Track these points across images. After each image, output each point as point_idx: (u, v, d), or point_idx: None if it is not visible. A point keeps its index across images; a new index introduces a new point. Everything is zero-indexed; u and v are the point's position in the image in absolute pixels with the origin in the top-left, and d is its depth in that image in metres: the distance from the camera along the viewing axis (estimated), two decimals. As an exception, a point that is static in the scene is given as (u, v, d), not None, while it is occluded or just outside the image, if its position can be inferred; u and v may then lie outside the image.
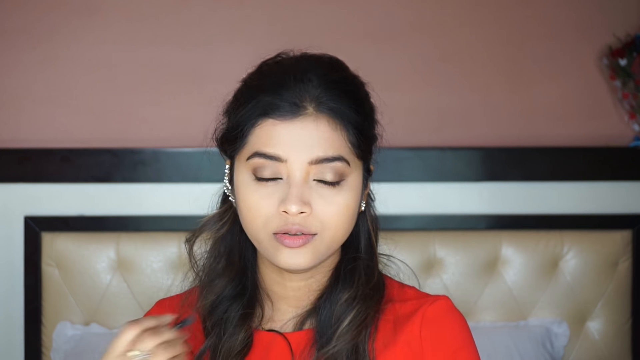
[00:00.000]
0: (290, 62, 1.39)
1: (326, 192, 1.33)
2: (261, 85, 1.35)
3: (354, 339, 1.35)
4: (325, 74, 1.35)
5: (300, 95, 1.32)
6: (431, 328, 1.37)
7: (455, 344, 1.37)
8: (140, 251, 2.66)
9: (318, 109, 1.32)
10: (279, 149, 1.31)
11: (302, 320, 1.41)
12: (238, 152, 1.35)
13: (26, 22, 2.75)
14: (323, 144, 1.32)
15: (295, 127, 1.31)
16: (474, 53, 2.82)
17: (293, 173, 1.31)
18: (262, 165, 1.32)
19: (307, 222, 1.32)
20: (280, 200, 1.32)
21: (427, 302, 1.39)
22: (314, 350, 1.36)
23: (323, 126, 1.32)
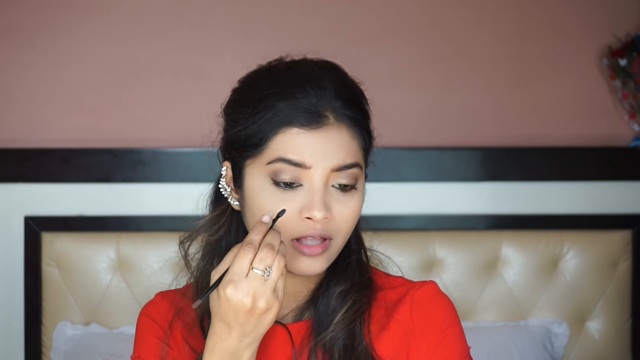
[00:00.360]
0: (302, 67, 1.40)
1: (342, 197, 1.37)
2: (279, 93, 1.36)
3: (350, 325, 1.41)
4: (338, 81, 1.38)
5: (321, 104, 1.35)
6: (421, 310, 1.43)
7: (444, 324, 1.43)
8: (140, 251, 2.66)
9: (338, 118, 1.36)
10: (304, 156, 1.34)
11: (300, 312, 1.45)
12: (254, 157, 1.36)
13: (26, 21, 2.75)
14: (344, 152, 1.36)
15: (319, 136, 1.34)
16: (474, 53, 2.82)
17: (316, 180, 1.35)
18: (283, 170, 1.34)
19: (327, 227, 1.36)
20: (302, 206, 1.35)
21: (416, 286, 1.46)
22: (312, 338, 1.42)
23: (344, 134, 1.36)
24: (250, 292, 1.28)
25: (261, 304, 1.28)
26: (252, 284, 1.28)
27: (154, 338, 1.47)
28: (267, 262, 1.29)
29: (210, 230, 1.45)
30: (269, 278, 1.29)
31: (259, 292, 1.28)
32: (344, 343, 1.40)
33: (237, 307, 1.28)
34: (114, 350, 2.53)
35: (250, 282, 1.28)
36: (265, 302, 1.28)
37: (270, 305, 1.29)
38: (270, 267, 1.29)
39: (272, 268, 1.29)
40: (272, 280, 1.29)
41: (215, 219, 1.45)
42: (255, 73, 1.42)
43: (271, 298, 1.29)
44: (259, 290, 1.28)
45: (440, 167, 2.75)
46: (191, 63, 2.78)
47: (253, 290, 1.28)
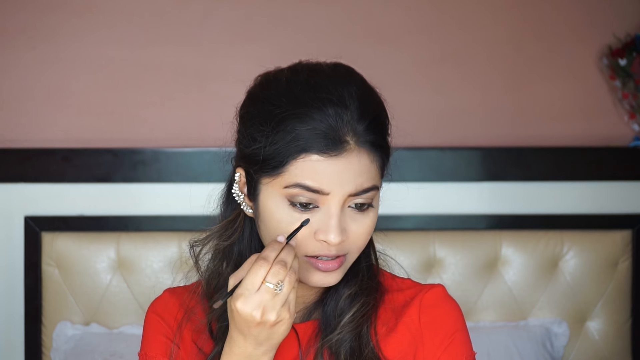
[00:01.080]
0: (322, 83, 1.36)
1: (357, 216, 1.37)
2: (298, 115, 1.33)
3: (357, 328, 1.42)
4: (360, 100, 1.36)
5: (341, 128, 1.33)
6: (429, 313, 1.44)
7: (451, 329, 1.44)
8: (140, 251, 2.66)
9: (358, 143, 1.34)
10: (322, 183, 1.33)
11: (308, 312, 1.46)
12: (271, 177, 1.35)
13: (27, 22, 2.75)
14: (363, 177, 1.35)
15: (339, 163, 1.33)
16: (473, 53, 2.82)
17: (333, 205, 1.34)
18: (300, 195, 1.34)
19: (342, 247, 1.36)
20: (318, 228, 1.35)
21: (424, 289, 1.46)
22: (319, 339, 1.42)
23: (364, 160, 1.35)
24: (260, 305, 1.29)
25: (271, 317, 1.29)
26: (263, 298, 1.29)
27: (162, 336, 1.46)
28: (280, 277, 1.30)
29: (224, 236, 1.45)
30: (281, 292, 1.30)
31: (269, 305, 1.30)
32: (350, 345, 1.41)
33: (247, 319, 1.30)
34: (114, 350, 2.53)
35: (262, 295, 1.29)
36: (276, 315, 1.30)
37: (281, 317, 1.30)
38: (282, 282, 1.30)
39: (283, 282, 1.30)
40: (284, 294, 1.30)
41: (229, 224, 1.45)
42: (274, 82, 1.38)
43: (282, 311, 1.30)
44: (269, 304, 1.30)
45: (440, 167, 2.75)
46: (191, 63, 2.78)
47: (263, 304, 1.29)
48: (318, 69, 1.39)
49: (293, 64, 1.41)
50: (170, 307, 1.48)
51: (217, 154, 1.50)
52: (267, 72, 1.42)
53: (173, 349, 1.45)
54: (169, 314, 1.48)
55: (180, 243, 2.64)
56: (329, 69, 1.39)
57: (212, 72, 2.77)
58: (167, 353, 1.45)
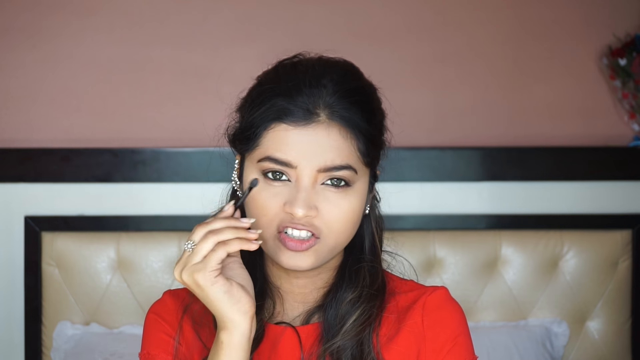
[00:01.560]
0: (306, 65, 1.40)
1: (332, 196, 1.36)
2: (276, 88, 1.36)
3: (359, 335, 1.41)
4: (339, 81, 1.37)
5: (313, 101, 1.35)
6: (432, 316, 1.44)
7: (454, 332, 1.44)
8: (140, 251, 2.66)
9: (330, 117, 1.35)
10: (289, 155, 1.34)
11: (309, 316, 1.46)
12: (250, 152, 1.38)
13: (27, 22, 2.75)
14: (333, 153, 1.35)
15: (307, 133, 1.34)
16: (473, 53, 2.82)
17: (301, 178, 1.34)
18: (272, 169, 1.35)
19: (313, 223, 1.36)
20: (287, 200, 1.35)
21: (427, 292, 1.46)
22: (321, 343, 1.42)
23: (334, 134, 1.35)
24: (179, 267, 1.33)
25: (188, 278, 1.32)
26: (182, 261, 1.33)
27: (163, 334, 1.46)
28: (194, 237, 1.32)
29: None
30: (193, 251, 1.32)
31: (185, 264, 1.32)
32: (352, 352, 1.40)
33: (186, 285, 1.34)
34: (114, 350, 2.53)
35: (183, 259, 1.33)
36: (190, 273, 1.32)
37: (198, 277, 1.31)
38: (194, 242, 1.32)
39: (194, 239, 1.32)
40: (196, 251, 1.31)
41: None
42: (267, 70, 1.43)
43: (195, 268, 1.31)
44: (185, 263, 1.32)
45: (440, 167, 2.75)
46: (192, 63, 2.78)
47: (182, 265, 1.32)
48: (310, 58, 1.43)
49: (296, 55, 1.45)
50: (170, 308, 1.49)
51: (218, 154, 1.50)
52: None
53: (176, 347, 1.45)
54: (169, 313, 1.48)
55: (181, 243, 2.64)
56: (322, 58, 1.42)
57: (212, 71, 2.77)
58: (169, 350, 1.45)
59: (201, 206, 1.55)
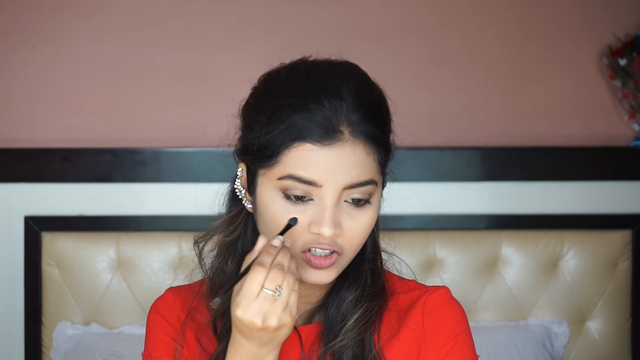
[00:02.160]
0: (319, 75, 1.36)
1: (354, 212, 1.35)
2: (294, 104, 1.33)
3: (360, 335, 1.41)
4: (358, 94, 1.35)
5: (336, 118, 1.32)
6: (432, 316, 1.44)
7: (454, 331, 1.43)
8: (140, 251, 2.66)
9: (353, 134, 1.33)
10: (315, 174, 1.32)
11: (311, 315, 1.46)
12: (266, 168, 1.35)
13: (27, 22, 2.75)
14: (358, 169, 1.33)
15: (332, 152, 1.32)
16: (473, 53, 2.82)
17: (327, 197, 1.33)
18: (293, 187, 1.33)
19: (337, 242, 1.35)
20: (312, 221, 1.34)
21: (428, 292, 1.46)
22: (322, 343, 1.42)
23: (359, 152, 1.33)
24: (260, 312, 1.29)
25: (272, 322, 1.29)
26: (262, 305, 1.29)
27: (165, 336, 1.46)
28: (277, 282, 1.29)
29: (226, 231, 1.44)
30: (280, 297, 1.29)
31: (270, 311, 1.29)
32: (353, 351, 1.40)
33: (248, 325, 1.30)
34: (114, 350, 2.53)
35: (261, 302, 1.29)
36: (277, 320, 1.29)
37: (283, 322, 1.30)
38: (280, 287, 1.29)
39: (282, 287, 1.29)
40: (283, 298, 1.29)
41: (231, 220, 1.45)
42: (274, 77, 1.39)
43: (283, 315, 1.30)
44: (269, 310, 1.29)
45: (440, 167, 2.75)
46: (192, 63, 2.78)
47: (263, 311, 1.29)
48: (318, 64, 1.39)
49: (295, 60, 1.41)
50: (172, 306, 1.48)
51: (217, 154, 1.49)
52: (271, 69, 1.42)
53: (177, 349, 1.45)
54: (172, 313, 1.47)
55: (181, 243, 2.64)
56: (329, 64, 1.39)
57: (212, 72, 2.77)
58: (171, 353, 1.45)
59: (201, 207, 1.55)
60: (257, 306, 1.29)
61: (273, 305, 1.29)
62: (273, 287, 1.29)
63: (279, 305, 1.29)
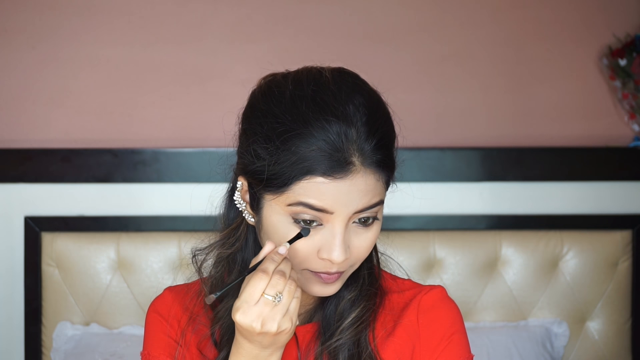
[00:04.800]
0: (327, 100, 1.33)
1: (361, 231, 1.36)
2: (303, 134, 1.30)
3: (357, 334, 1.42)
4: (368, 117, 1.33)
5: (347, 148, 1.30)
6: (427, 315, 1.44)
7: (448, 331, 1.44)
8: (140, 251, 2.66)
9: (365, 164, 1.32)
10: (326, 203, 1.31)
11: (309, 316, 1.46)
12: (275, 195, 1.33)
13: (26, 22, 2.75)
14: (369, 195, 1.33)
15: (344, 184, 1.31)
16: (474, 53, 2.82)
17: (337, 223, 1.33)
18: (303, 213, 1.32)
19: (345, 264, 1.36)
20: (321, 246, 1.34)
21: (423, 291, 1.46)
22: (318, 343, 1.43)
23: (370, 180, 1.33)
24: (259, 317, 1.30)
25: (271, 327, 1.30)
26: (262, 310, 1.30)
27: (164, 335, 1.46)
28: (279, 288, 1.30)
29: (226, 244, 1.44)
30: (280, 303, 1.30)
31: (269, 316, 1.30)
32: (349, 350, 1.41)
33: (248, 329, 1.31)
34: (114, 350, 2.53)
35: (260, 308, 1.30)
36: (277, 326, 1.30)
37: (283, 328, 1.31)
38: (281, 293, 1.30)
39: (283, 293, 1.30)
40: (283, 304, 1.30)
41: (231, 233, 1.44)
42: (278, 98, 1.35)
43: (283, 321, 1.31)
44: (268, 315, 1.30)
45: (440, 167, 2.75)
46: (191, 64, 2.78)
47: (263, 316, 1.30)
48: (323, 83, 1.34)
49: (297, 73, 1.38)
50: (171, 306, 1.48)
51: (218, 154, 1.49)
52: (273, 77, 1.39)
53: (178, 349, 1.45)
54: (171, 313, 1.47)
55: (181, 243, 2.64)
56: (334, 84, 1.35)
57: (212, 72, 2.77)
58: (170, 352, 1.45)
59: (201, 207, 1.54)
60: (257, 311, 1.30)
61: (272, 310, 1.30)
62: (274, 293, 1.29)
63: (278, 311, 1.30)
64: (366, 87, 1.38)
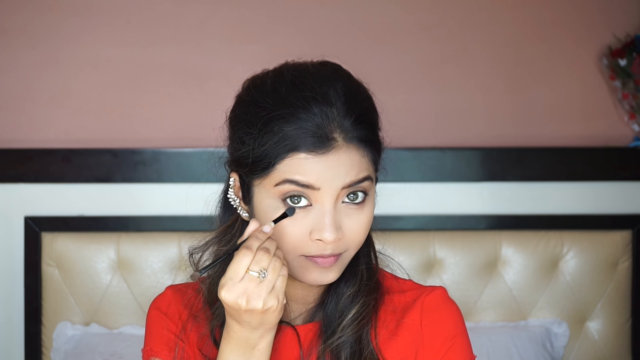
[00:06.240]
0: (307, 82, 1.36)
1: (352, 212, 1.36)
2: (284, 115, 1.34)
3: (358, 331, 1.42)
4: (347, 98, 1.36)
5: (328, 125, 1.33)
6: (430, 317, 1.45)
7: (451, 332, 1.45)
8: (140, 251, 2.66)
9: (347, 140, 1.34)
10: (311, 178, 1.33)
11: (310, 315, 1.46)
12: (261, 178, 1.36)
13: (26, 22, 2.75)
14: (354, 170, 1.34)
15: (327, 159, 1.33)
16: (474, 53, 2.82)
17: (326, 200, 1.34)
18: (292, 192, 1.34)
19: (339, 246, 1.36)
20: (312, 227, 1.34)
21: (425, 292, 1.47)
22: (320, 342, 1.43)
23: (353, 155, 1.34)
24: (244, 293, 1.30)
25: (257, 304, 1.30)
26: (247, 286, 1.30)
27: (166, 331, 1.47)
28: (263, 264, 1.30)
29: (223, 241, 1.45)
30: (265, 279, 1.30)
31: (254, 292, 1.30)
32: (351, 347, 1.41)
33: (234, 307, 1.31)
34: (114, 350, 2.53)
35: (245, 284, 1.30)
36: (262, 302, 1.30)
37: (269, 305, 1.31)
38: (265, 269, 1.30)
39: (267, 270, 1.30)
40: (268, 281, 1.30)
41: (227, 229, 1.45)
42: (260, 86, 1.39)
43: (269, 298, 1.30)
44: (253, 292, 1.30)
45: (440, 167, 2.75)
46: (191, 64, 2.78)
47: (248, 292, 1.30)
48: (303, 69, 1.39)
49: (279, 66, 1.41)
50: (173, 303, 1.49)
51: (218, 154, 1.50)
52: (254, 75, 1.42)
53: (181, 346, 1.45)
54: (173, 310, 1.48)
55: (180, 243, 2.64)
56: (314, 68, 1.39)
57: (212, 72, 2.77)
58: (171, 347, 1.45)
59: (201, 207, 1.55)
60: (242, 288, 1.30)
61: (258, 287, 1.30)
62: (258, 269, 1.30)
63: (263, 288, 1.30)
64: (346, 73, 1.41)
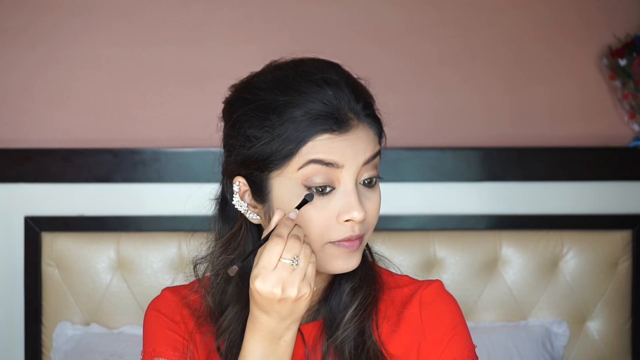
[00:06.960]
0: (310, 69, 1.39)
1: (368, 193, 1.39)
2: (299, 102, 1.35)
3: (360, 324, 1.44)
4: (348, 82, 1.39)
5: (343, 107, 1.36)
6: (430, 309, 1.46)
7: (452, 323, 1.47)
8: (140, 251, 2.66)
9: (359, 119, 1.37)
10: (335, 156, 1.35)
11: (314, 313, 1.47)
12: (281, 167, 1.36)
13: (26, 22, 2.75)
14: (370, 146, 1.38)
15: (349, 137, 1.36)
16: (473, 53, 2.82)
17: (348, 179, 1.36)
18: (315, 173, 1.35)
19: (363, 226, 1.38)
20: (340, 210, 1.36)
21: (423, 285, 1.49)
22: (324, 339, 1.44)
23: (367, 131, 1.38)
24: (279, 282, 1.31)
25: (292, 292, 1.31)
26: (281, 274, 1.31)
27: (168, 330, 1.46)
28: (295, 251, 1.31)
29: (229, 250, 1.44)
30: (297, 267, 1.31)
31: (289, 281, 1.31)
32: (355, 342, 1.43)
33: (268, 297, 1.31)
34: (114, 350, 2.53)
35: (279, 272, 1.31)
36: (297, 290, 1.31)
37: (302, 292, 1.32)
38: (297, 257, 1.31)
39: (299, 257, 1.31)
40: (301, 268, 1.31)
41: (232, 237, 1.45)
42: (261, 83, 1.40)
43: (302, 285, 1.31)
44: (288, 280, 1.31)
45: (440, 167, 2.75)
46: (191, 64, 2.78)
47: (282, 280, 1.31)
48: (298, 61, 1.42)
49: (265, 66, 1.43)
50: (170, 303, 1.48)
51: (218, 154, 1.49)
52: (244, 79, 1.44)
53: (187, 345, 1.45)
54: (170, 309, 1.48)
55: (180, 243, 2.64)
56: (308, 59, 1.42)
57: (212, 72, 2.77)
58: (175, 347, 1.45)
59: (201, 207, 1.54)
60: (276, 276, 1.30)
61: (291, 275, 1.31)
62: (291, 257, 1.31)
63: (297, 275, 1.31)
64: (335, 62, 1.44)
